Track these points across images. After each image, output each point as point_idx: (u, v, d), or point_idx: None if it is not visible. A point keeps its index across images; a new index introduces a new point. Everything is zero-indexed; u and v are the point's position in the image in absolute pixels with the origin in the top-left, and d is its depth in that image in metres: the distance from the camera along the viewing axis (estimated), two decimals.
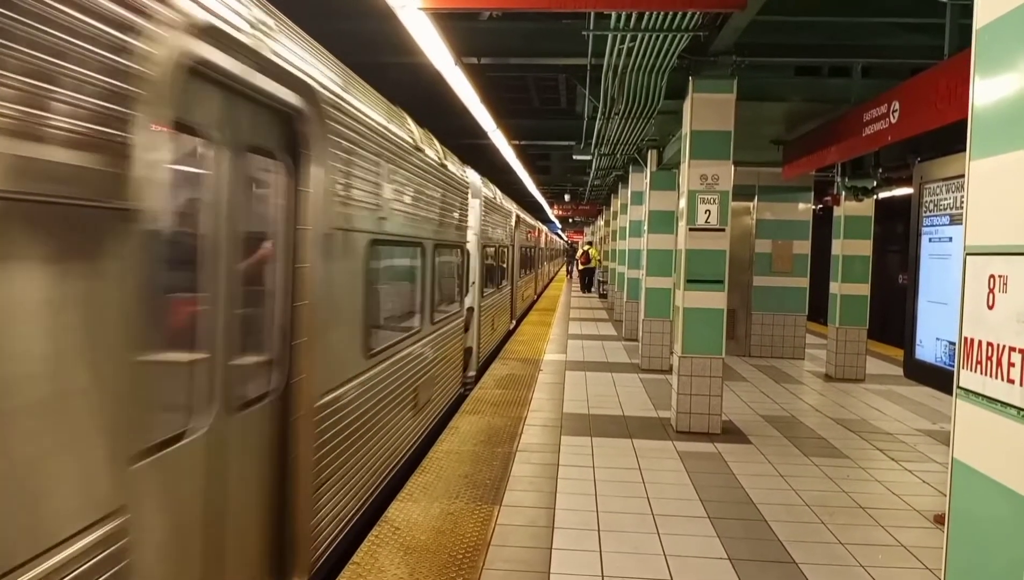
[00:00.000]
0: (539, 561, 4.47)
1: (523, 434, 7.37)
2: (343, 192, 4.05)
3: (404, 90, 8.65)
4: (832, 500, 5.72)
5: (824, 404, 9.31)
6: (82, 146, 1.87)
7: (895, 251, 19.80)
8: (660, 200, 11.91)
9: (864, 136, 6.97)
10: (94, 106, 1.91)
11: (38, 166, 1.74)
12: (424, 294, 6.79)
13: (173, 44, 2.28)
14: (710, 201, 7.54)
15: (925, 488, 6.08)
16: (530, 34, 8.61)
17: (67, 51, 1.82)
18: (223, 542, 3.07)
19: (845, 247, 11.10)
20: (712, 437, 7.49)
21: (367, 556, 4.42)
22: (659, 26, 5.98)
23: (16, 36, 1.66)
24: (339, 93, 3.99)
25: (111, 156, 1.98)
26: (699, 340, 7.62)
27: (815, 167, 9.37)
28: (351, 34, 8.27)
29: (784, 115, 9.33)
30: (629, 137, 10.65)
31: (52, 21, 1.77)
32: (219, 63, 2.71)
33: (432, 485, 5.74)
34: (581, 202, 32.19)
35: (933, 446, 7.34)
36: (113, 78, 1.99)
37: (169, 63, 2.25)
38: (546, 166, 25.68)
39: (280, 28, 3.32)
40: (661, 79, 7.37)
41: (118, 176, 2.02)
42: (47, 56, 1.75)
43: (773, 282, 13.25)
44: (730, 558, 4.58)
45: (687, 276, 7.62)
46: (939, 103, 5.20)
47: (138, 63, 2.09)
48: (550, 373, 10.90)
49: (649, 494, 5.73)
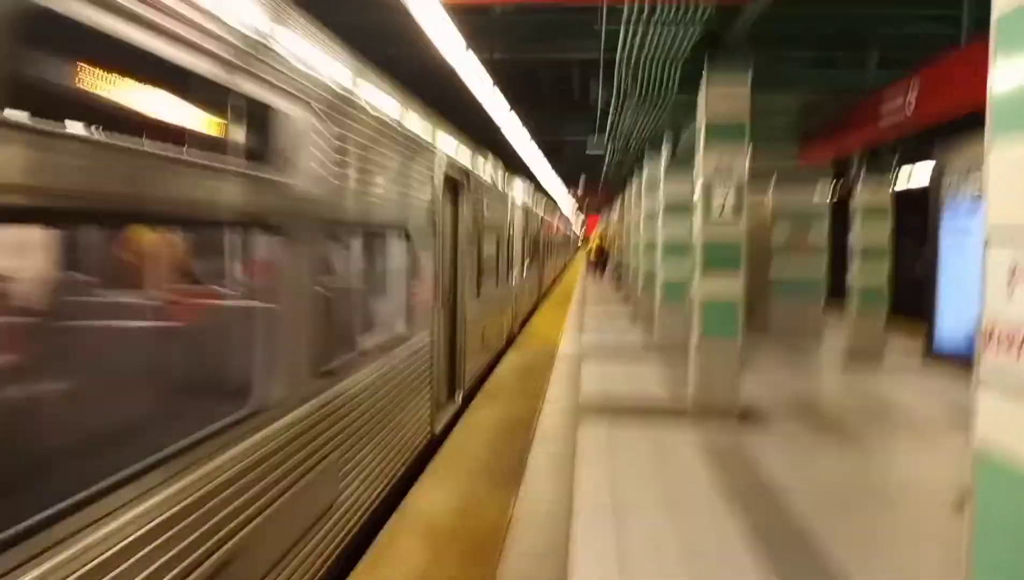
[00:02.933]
0: (559, 546, 4.52)
1: (541, 421, 7.41)
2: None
3: (418, 83, 8.68)
4: (853, 484, 5.73)
5: (843, 388, 9.29)
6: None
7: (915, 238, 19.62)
8: (675, 190, 11.90)
9: (881, 125, 6.94)
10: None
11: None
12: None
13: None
14: (726, 191, 7.54)
15: (947, 474, 6.07)
16: (543, 27, 8.63)
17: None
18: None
19: (863, 235, 11.09)
20: (730, 422, 7.49)
21: (389, 541, 4.48)
22: (671, 18, 5.98)
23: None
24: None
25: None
26: (716, 326, 7.64)
27: (832, 156, 9.34)
28: (364, 25, 8.30)
29: (799, 105, 9.31)
30: (643, 128, 10.65)
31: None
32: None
33: (452, 472, 5.79)
34: (596, 192, 32.16)
35: (954, 432, 7.31)
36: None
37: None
38: (560, 157, 25.66)
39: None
40: (675, 71, 7.37)
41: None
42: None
43: (791, 270, 13.23)
44: (748, 541, 4.61)
45: (703, 264, 7.63)
46: (956, 91, 5.18)
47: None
48: (566, 361, 10.92)
49: (667, 477, 5.76)
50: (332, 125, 3.89)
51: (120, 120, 2.36)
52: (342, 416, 4.11)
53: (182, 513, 2.55)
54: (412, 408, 5.77)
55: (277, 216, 3.32)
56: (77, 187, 2.10)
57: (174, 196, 2.55)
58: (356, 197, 4.34)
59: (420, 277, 6.00)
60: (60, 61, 2.18)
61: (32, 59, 1.95)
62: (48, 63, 2.09)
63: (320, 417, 3.78)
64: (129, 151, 2.31)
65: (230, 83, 2.88)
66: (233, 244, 3.86)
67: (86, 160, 2.12)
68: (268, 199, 3.23)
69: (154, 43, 2.37)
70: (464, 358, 8.20)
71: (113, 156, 2.24)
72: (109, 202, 2.27)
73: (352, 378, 4.30)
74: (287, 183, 3.38)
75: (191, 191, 2.65)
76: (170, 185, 2.52)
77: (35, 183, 1.95)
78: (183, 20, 2.50)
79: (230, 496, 2.90)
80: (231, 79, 2.87)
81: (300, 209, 3.53)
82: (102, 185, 2.20)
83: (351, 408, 4.27)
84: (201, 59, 2.64)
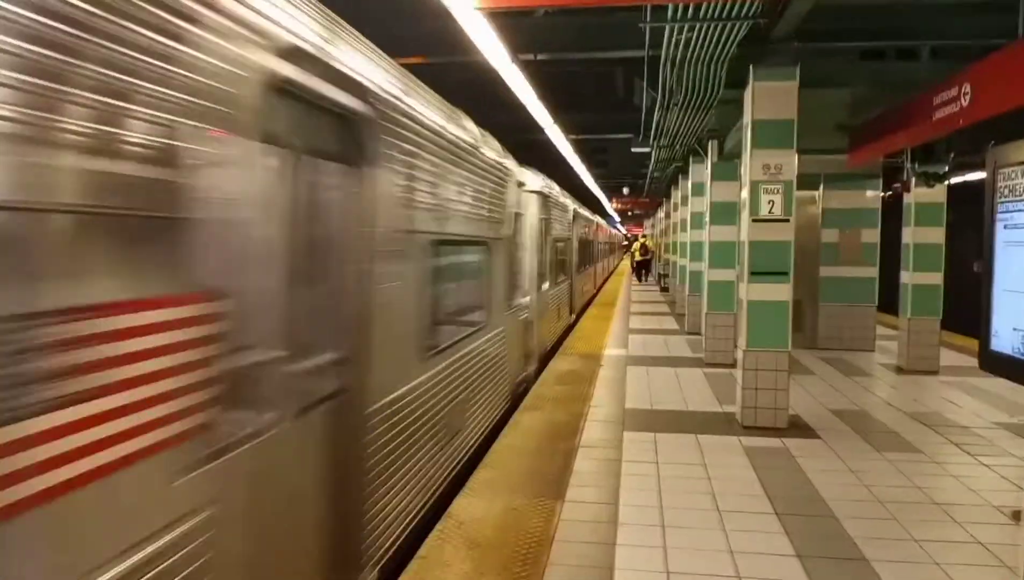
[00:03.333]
0: (603, 557, 4.47)
1: (585, 429, 7.36)
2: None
3: (461, 88, 8.72)
4: (905, 496, 5.56)
5: (896, 398, 9.05)
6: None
7: (970, 238, 19.08)
8: (722, 191, 11.72)
9: (934, 120, 6.73)
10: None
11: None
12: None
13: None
14: (774, 191, 7.40)
15: (1003, 483, 5.86)
16: (586, 28, 8.57)
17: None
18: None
19: (916, 235, 10.76)
20: (779, 432, 7.35)
21: (434, 550, 4.48)
22: (717, 15, 5.89)
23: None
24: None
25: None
26: (764, 333, 7.49)
27: (883, 153, 9.09)
28: (409, 36, 8.37)
29: (849, 101, 9.09)
30: (689, 128, 10.52)
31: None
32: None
33: (495, 480, 5.78)
34: (640, 195, 31.87)
35: (1011, 440, 7.07)
36: None
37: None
38: (604, 160, 25.53)
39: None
40: (720, 69, 7.25)
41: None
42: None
43: (841, 272, 12.90)
44: (799, 555, 4.50)
45: (751, 268, 7.49)
46: (1013, 84, 4.99)
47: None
48: (611, 368, 10.85)
49: (714, 489, 5.66)
50: (503, 187, 7.62)
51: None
52: (512, 334, 8.36)
53: (473, 352, 6.29)
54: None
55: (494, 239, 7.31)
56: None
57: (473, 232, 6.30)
58: (495, 222, 7.24)
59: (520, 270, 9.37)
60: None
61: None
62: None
63: (501, 334, 7.66)
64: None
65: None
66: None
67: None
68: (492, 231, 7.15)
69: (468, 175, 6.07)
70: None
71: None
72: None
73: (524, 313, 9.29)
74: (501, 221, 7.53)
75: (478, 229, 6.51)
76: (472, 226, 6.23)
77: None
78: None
79: (478, 354, 6.55)
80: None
81: (500, 234, 7.52)
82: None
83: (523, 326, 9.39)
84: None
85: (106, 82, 1.87)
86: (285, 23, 2.85)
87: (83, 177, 1.82)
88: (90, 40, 1.82)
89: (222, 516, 2.43)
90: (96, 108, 1.84)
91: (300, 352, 3.08)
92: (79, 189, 1.82)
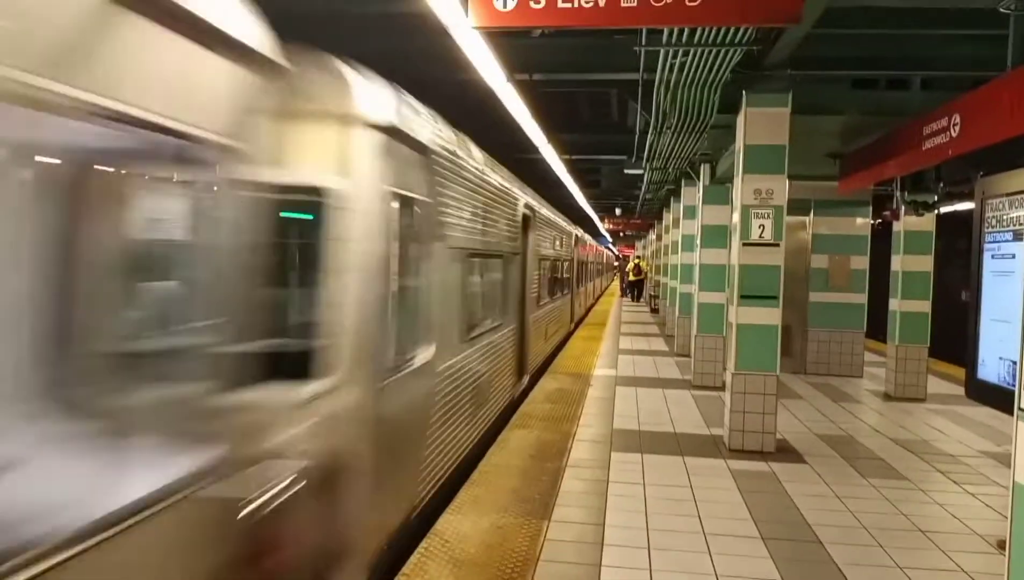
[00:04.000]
0: (588, 578, 4.45)
1: (573, 449, 7.34)
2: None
3: (457, 104, 8.74)
4: (890, 523, 5.57)
5: (883, 424, 9.07)
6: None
7: (958, 266, 19.20)
8: (713, 214, 11.79)
9: (924, 149, 6.80)
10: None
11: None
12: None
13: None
14: (764, 216, 7.45)
15: (988, 512, 5.88)
16: (582, 50, 8.62)
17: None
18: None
19: (905, 263, 10.83)
20: (766, 456, 7.36)
21: (416, 568, 4.45)
22: (712, 40, 5.94)
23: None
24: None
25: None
26: (753, 357, 7.51)
27: (873, 181, 9.17)
28: (406, 50, 8.39)
29: (840, 129, 9.17)
30: (681, 151, 10.59)
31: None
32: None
33: (481, 499, 5.76)
34: (632, 216, 31.99)
35: (997, 468, 7.09)
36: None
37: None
38: (597, 180, 25.60)
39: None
40: (714, 93, 7.31)
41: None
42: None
43: (830, 298, 12.96)
44: (783, 579, 4.49)
45: (741, 292, 7.52)
46: (1002, 116, 5.06)
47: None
48: (600, 388, 10.85)
49: (700, 512, 5.65)
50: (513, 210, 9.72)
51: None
52: (524, 333, 10.56)
53: (498, 340, 8.36)
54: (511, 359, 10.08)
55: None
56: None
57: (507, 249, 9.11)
58: (509, 239, 9.13)
59: (528, 282, 11.16)
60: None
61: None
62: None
63: (510, 334, 9.33)
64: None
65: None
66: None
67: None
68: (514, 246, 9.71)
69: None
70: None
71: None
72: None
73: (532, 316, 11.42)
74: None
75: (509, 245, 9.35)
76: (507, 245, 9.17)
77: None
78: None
79: (500, 345, 8.53)
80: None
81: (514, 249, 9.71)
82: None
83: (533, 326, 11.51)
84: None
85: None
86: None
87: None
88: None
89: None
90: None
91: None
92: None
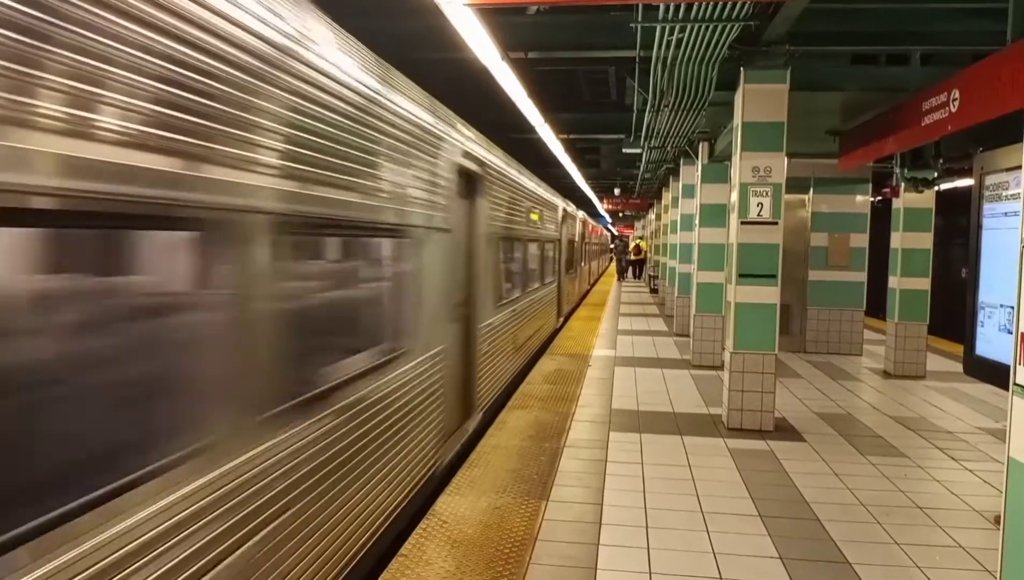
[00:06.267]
0: (586, 557, 4.46)
1: (571, 429, 7.34)
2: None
3: (451, 86, 8.68)
4: (889, 500, 5.57)
5: (882, 402, 9.07)
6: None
7: (958, 244, 19.17)
8: (712, 193, 11.72)
9: (923, 125, 6.76)
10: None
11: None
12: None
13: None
14: (763, 194, 7.40)
15: (986, 488, 5.88)
16: (578, 27, 8.52)
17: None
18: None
19: (905, 240, 10.79)
20: (764, 434, 7.36)
21: (414, 548, 4.46)
22: (708, 16, 5.87)
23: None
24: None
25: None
26: (751, 335, 7.49)
27: (872, 158, 9.11)
28: (397, 32, 8.31)
29: (840, 105, 9.10)
30: (679, 129, 10.51)
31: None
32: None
33: (479, 479, 5.76)
34: (631, 196, 31.87)
35: (995, 445, 7.09)
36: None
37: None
38: (595, 160, 25.49)
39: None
40: (711, 70, 7.24)
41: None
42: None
43: (829, 276, 12.93)
44: (781, 557, 4.50)
45: (739, 270, 7.49)
46: (1001, 91, 5.01)
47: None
48: (599, 368, 10.85)
49: (699, 491, 5.66)
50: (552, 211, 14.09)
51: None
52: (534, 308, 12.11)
53: (503, 318, 9.10)
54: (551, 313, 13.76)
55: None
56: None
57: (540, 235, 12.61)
58: (549, 227, 12.76)
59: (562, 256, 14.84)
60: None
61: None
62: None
63: (520, 310, 10.44)
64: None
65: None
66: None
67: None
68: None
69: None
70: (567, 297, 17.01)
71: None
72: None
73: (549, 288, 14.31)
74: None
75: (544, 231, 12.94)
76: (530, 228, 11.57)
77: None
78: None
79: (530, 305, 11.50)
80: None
81: (549, 236, 13.75)
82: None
83: (543, 300, 13.26)
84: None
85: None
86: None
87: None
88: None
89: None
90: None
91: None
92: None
